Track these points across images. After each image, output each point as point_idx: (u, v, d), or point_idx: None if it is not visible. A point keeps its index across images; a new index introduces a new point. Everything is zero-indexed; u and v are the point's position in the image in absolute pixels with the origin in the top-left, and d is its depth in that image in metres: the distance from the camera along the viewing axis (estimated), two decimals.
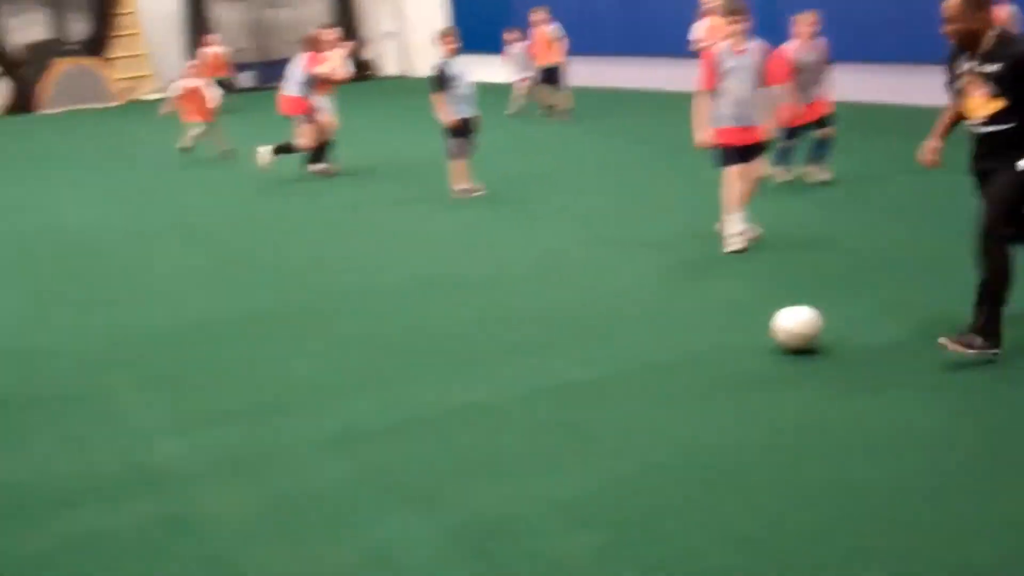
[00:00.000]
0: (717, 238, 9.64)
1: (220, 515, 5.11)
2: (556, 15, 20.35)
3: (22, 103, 29.33)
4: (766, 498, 4.89)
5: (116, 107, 29.26)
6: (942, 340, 6.22)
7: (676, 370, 6.57)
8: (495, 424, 6.02)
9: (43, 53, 29.82)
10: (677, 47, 18.96)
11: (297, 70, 15.06)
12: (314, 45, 15.10)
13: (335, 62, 15.24)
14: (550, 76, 20.24)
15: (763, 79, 9.27)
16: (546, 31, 20.02)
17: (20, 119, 28.16)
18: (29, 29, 30.43)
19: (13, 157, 19.99)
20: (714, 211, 9.87)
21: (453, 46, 12.76)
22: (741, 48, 9.23)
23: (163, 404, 6.68)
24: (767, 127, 9.37)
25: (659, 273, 9.00)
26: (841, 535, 4.50)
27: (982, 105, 6.10)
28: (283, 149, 14.95)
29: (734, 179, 9.41)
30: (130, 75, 30.72)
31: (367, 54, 34.35)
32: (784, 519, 4.69)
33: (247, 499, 5.26)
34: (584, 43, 22.91)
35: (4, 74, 29.92)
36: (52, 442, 6.16)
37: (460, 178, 12.95)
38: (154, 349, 7.82)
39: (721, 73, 9.24)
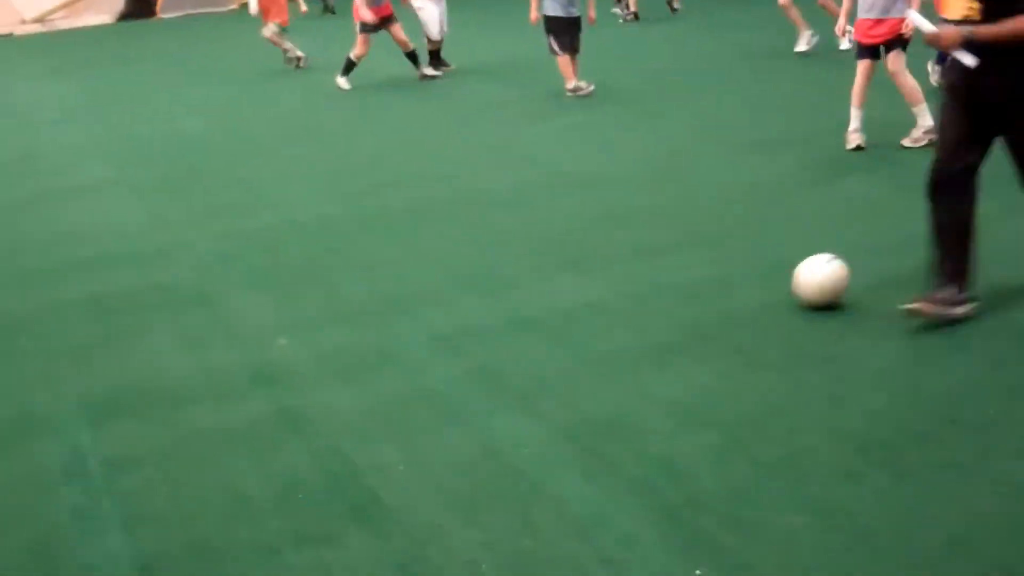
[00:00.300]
0: (837, 136, 9.34)
1: (333, 411, 5.14)
2: None
3: (140, 8, 29.71)
4: (883, 400, 4.76)
5: (229, 12, 29.51)
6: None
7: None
8: (607, 323, 5.94)
9: None
10: None
11: None
12: None
13: None
14: None
15: None
16: None
17: (138, 24, 28.56)
18: None
19: (130, 62, 20.25)
20: (827, 109, 9.55)
21: None
22: None
23: (278, 304, 6.74)
24: (908, 21, 8.29)
25: (779, 173, 8.77)
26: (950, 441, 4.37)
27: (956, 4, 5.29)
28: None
29: (860, 73, 9.07)
30: None
31: None
32: (901, 423, 4.56)
33: (359, 396, 5.28)
34: None
35: None
36: (169, 342, 6.26)
37: (568, 75, 12.75)
38: (268, 251, 7.88)
39: None
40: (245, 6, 26.16)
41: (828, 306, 5.75)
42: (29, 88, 17.86)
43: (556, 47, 12.67)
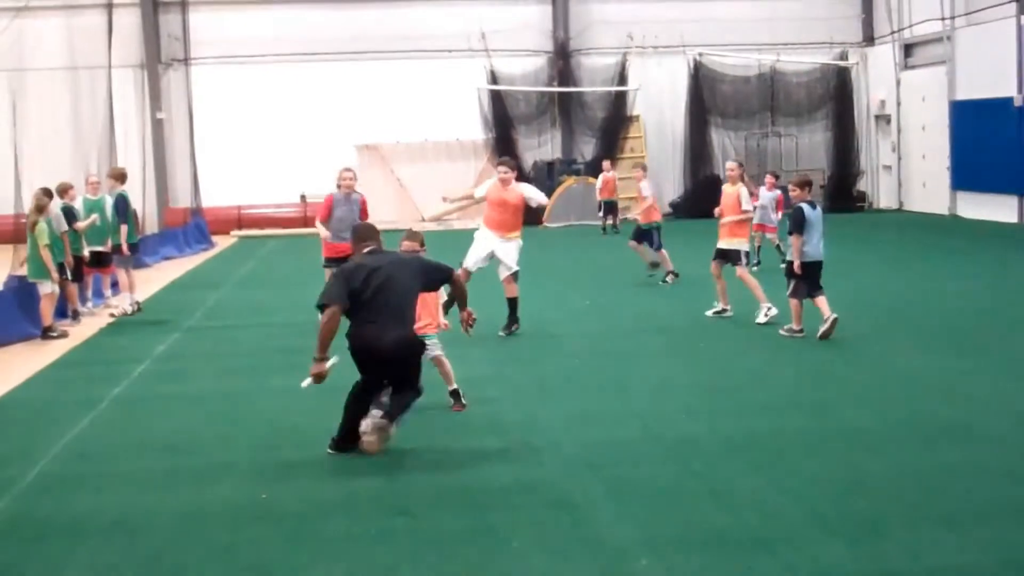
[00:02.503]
0: None
1: None
2: None
3: (528, 216, 31.48)
4: None
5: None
6: None
7: None
8: None
9: (553, 171, 32.15)
10: None
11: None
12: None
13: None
14: None
15: None
16: None
17: (526, 231, 30.18)
18: (543, 148, 32.99)
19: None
20: None
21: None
22: None
23: (639, 521, 6.83)
24: None
25: None
26: None
27: None
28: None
29: None
30: (630, 195, 32.17)
31: (861, 185, 33.94)
32: None
33: None
34: None
35: None
36: (531, 547, 6.47)
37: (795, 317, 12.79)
38: (632, 464, 8.02)
39: None
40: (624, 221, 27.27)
41: None
42: None
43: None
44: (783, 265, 17.64)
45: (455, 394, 9.76)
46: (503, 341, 13.13)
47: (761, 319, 13.71)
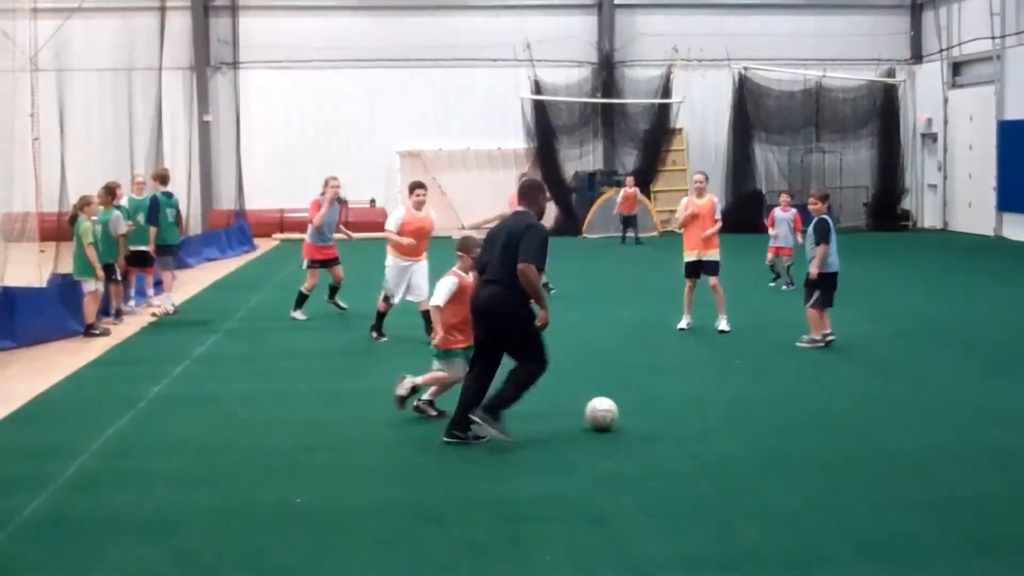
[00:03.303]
0: None
1: None
2: None
3: (569, 226, 31.51)
4: None
5: (654, 236, 30.64)
6: None
7: None
8: None
9: (593, 182, 32.13)
10: None
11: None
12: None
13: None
14: None
15: None
16: None
17: (564, 240, 30.25)
18: (584, 159, 32.99)
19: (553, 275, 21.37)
20: None
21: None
22: None
23: (668, 535, 6.80)
24: None
25: None
26: None
27: None
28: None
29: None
30: (671, 208, 32.08)
31: (906, 204, 33.69)
32: None
33: None
34: None
35: (556, 198, 32.47)
36: (563, 560, 6.46)
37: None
38: (665, 478, 7.99)
39: None
40: (667, 233, 27.23)
41: None
42: None
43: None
44: (791, 286, 17.62)
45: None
46: None
47: (725, 327, 14.15)
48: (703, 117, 33.19)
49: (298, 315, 15.69)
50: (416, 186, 13.76)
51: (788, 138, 33.36)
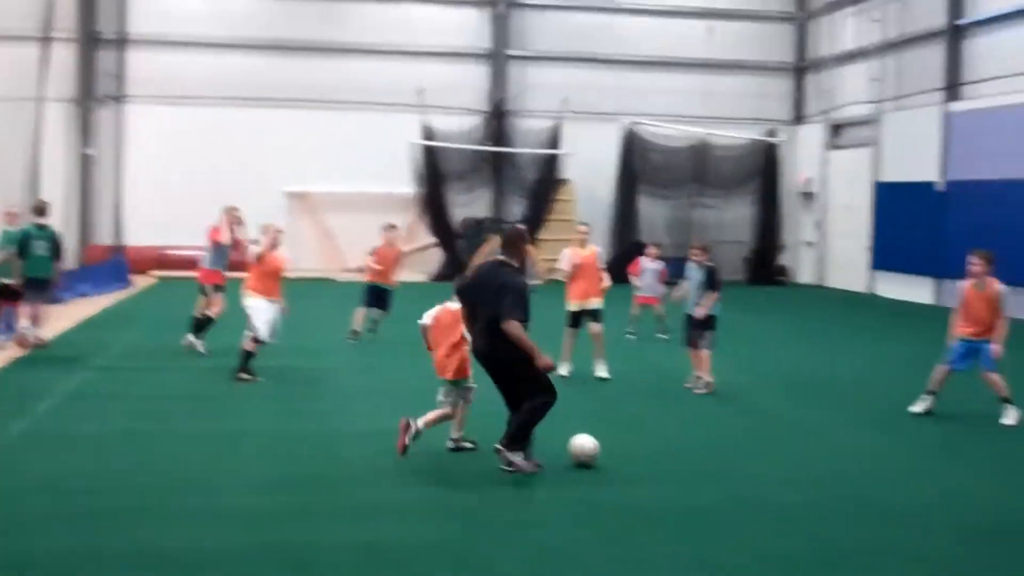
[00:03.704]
0: None
1: None
2: None
3: (452, 271, 31.50)
4: None
5: (538, 285, 30.75)
6: None
7: None
8: None
9: (481, 229, 32.14)
10: None
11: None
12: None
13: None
14: None
15: None
16: None
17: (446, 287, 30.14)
18: (473, 206, 33.04)
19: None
20: None
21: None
22: None
23: None
24: None
25: None
26: None
27: None
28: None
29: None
30: (555, 257, 32.28)
31: (783, 260, 34.46)
32: None
33: None
34: None
35: (444, 244, 32.46)
36: None
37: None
38: (539, 524, 7.94)
39: None
40: (552, 281, 27.35)
41: None
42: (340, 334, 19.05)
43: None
44: (665, 335, 17.92)
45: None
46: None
47: (604, 374, 14.52)
48: (590, 169, 33.53)
49: (196, 342, 15.77)
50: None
51: (672, 192, 33.95)
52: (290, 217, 31.82)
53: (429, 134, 32.52)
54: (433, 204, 32.31)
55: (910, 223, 28.06)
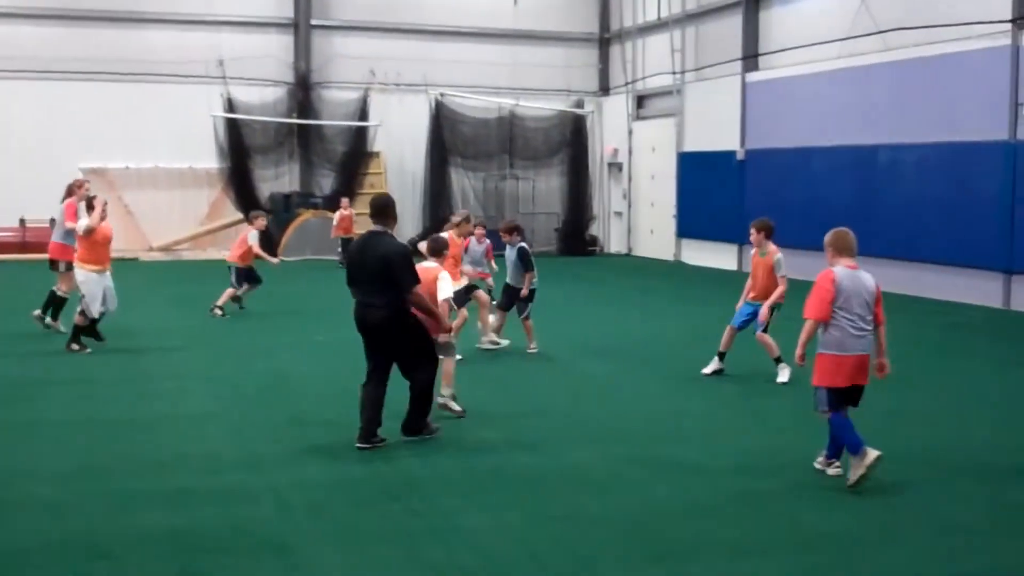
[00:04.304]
0: None
1: None
2: None
3: (265, 248, 30.84)
4: None
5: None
6: None
7: None
8: None
9: (290, 204, 31.51)
10: None
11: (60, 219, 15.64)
12: (71, 193, 15.65)
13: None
14: None
15: None
16: None
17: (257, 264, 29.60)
18: (280, 180, 32.39)
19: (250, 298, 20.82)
20: None
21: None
22: None
23: (352, 563, 6.65)
24: None
25: None
26: None
27: None
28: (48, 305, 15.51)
29: None
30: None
31: (594, 230, 35.02)
32: None
33: None
34: None
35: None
36: None
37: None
38: (352, 503, 7.85)
39: None
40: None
41: None
42: (151, 313, 18.46)
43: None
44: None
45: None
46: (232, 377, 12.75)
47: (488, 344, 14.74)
48: (400, 141, 33.33)
49: (57, 324, 15.34)
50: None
51: (483, 164, 34.04)
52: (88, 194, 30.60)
53: (232, 107, 31.66)
54: (238, 179, 31.51)
55: (713, 192, 28.87)
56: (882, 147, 22.91)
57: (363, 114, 32.71)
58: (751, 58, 27.88)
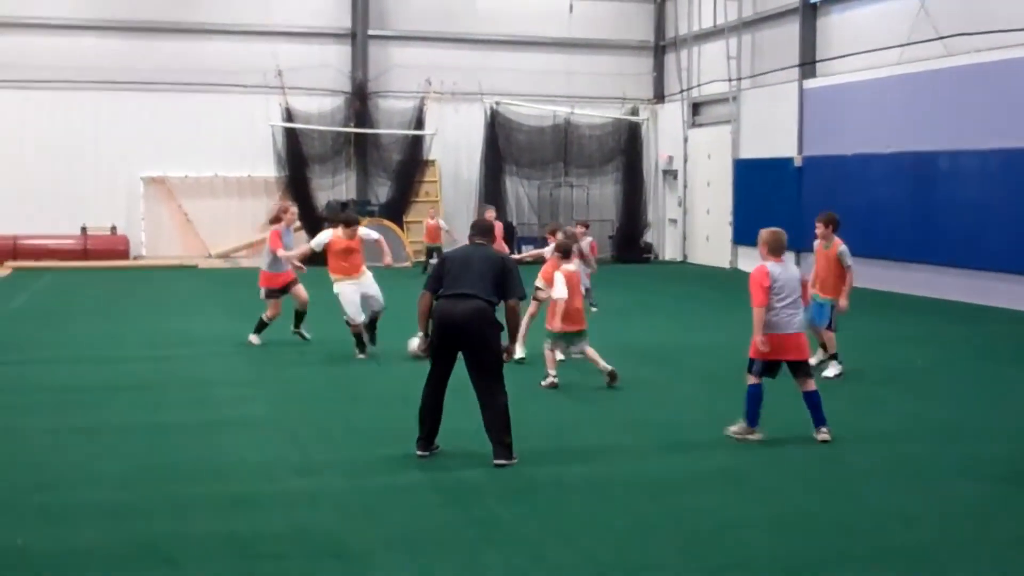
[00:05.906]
0: None
1: None
2: None
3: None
4: None
5: (406, 267, 30.59)
6: None
7: None
8: None
9: (345, 211, 31.61)
10: None
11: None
12: (277, 220, 15.74)
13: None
14: None
15: None
16: None
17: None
18: (336, 189, 32.64)
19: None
20: None
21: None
22: None
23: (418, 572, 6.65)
24: None
25: None
26: None
27: None
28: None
29: None
30: (421, 240, 32.11)
31: (648, 237, 34.89)
32: None
33: None
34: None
35: (309, 228, 31.97)
36: None
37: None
38: (411, 511, 7.86)
39: None
40: (419, 263, 27.20)
41: None
42: (210, 320, 18.65)
43: None
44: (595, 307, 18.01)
45: None
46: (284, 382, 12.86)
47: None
48: (456, 149, 33.49)
49: (254, 339, 15.53)
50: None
51: (538, 172, 34.08)
52: (147, 202, 31.09)
53: (290, 116, 31.98)
54: (296, 187, 31.78)
55: (769, 198, 28.64)
56: (942, 154, 22.64)
57: (419, 123, 32.90)
58: (808, 64, 27.68)
